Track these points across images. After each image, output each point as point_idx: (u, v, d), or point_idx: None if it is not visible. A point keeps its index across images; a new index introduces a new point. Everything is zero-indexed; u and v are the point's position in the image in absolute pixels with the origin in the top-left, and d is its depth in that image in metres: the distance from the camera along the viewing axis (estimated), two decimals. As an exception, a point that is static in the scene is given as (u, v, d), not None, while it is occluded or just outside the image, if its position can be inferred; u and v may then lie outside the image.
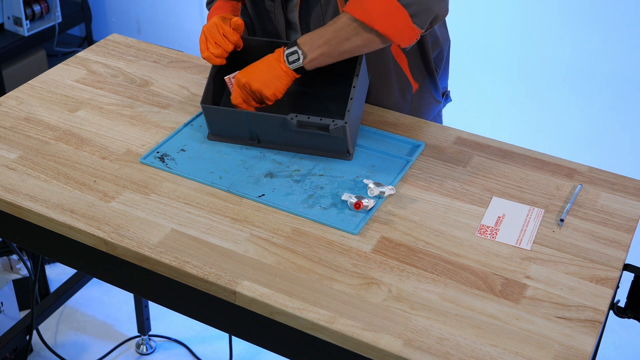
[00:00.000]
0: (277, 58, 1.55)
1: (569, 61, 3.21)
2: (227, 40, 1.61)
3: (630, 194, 1.54)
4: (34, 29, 3.54)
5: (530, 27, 3.09)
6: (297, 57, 1.52)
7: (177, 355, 2.50)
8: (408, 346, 1.20)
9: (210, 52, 1.61)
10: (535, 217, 1.47)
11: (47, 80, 1.87)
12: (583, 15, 3.10)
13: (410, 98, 1.77)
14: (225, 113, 1.59)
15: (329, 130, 1.51)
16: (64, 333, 2.56)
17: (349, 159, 1.59)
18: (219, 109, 1.61)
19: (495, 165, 1.60)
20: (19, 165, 1.57)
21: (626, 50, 3.11)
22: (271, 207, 1.47)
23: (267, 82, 1.55)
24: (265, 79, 1.55)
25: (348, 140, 1.54)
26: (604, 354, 2.50)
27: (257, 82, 1.55)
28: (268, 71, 1.55)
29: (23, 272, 2.57)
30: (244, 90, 1.57)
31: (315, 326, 1.24)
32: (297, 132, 1.55)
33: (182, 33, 3.94)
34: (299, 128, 1.53)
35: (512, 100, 3.29)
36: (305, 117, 1.52)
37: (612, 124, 3.25)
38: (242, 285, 1.30)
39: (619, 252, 1.40)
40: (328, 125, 1.51)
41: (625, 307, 1.47)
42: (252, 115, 1.57)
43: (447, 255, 1.38)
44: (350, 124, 1.51)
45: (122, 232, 1.41)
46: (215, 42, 1.61)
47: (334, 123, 1.50)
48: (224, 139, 1.63)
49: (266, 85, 1.55)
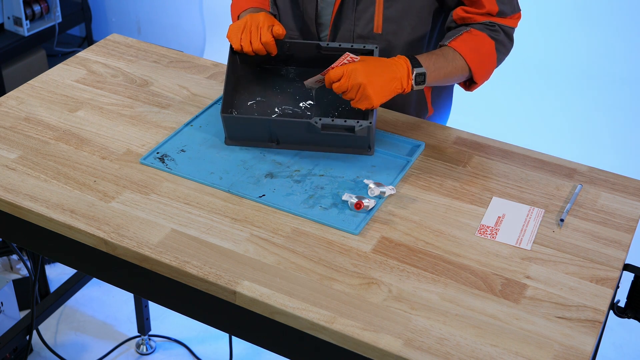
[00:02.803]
0: (405, 72, 1.51)
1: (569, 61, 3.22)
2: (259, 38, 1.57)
3: (630, 194, 1.54)
4: (34, 29, 3.54)
5: (529, 27, 3.09)
6: (423, 79, 1.53)
7: (177, 355, 2.50)
8: (408, 346, 1.20)
9: (241, 42, 1.58)
10: (535, 217, 1.47)
11: (47, 80, 1.87)
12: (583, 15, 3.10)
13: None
14: (248, 121, 1.59)
15: (355, 132, 1.51)
16: (64, 333, 2.56)
17: (370, 154, 1.60)
18: (241, 117, 1.60)
19: (495, 165, 1.60)
20: (19, 165, 1.57)
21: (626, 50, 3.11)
22: (271, 207, 1.47)
23: (380, 94, 1.48)
24: (381, 90, 1.48)
25: (371, 137, 1.55)
26: (604, 354, 2.50)
27: (371, 89, 1.47)
28: (387, 84, 1.49)
29: (23, 272, 2.57)
30: (349, 83, 1.48)
31: (315, 326, 1.24)
32: (319, 133, 1.55)
33: (182, 33, 3.94)
34: (323, 131, 1.53)
35: (512, 100, 3.29)
36: (329, 120, 1.52)
37: (612, 124, 3.25)
38: (242, 285, 1.30)
39: (619, 252, 1.40)
40: (353, 127, 1.51)
41: (625, 307, 1.47)
42: (277, 121, 1.56)
43: (447, 255, 1.38)
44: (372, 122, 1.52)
45: (122, 232, 1.41)
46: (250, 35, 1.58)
47: (359, 124, 1.50)
48: (242, 143, 1.62)
49: (378, 97, 1.48)
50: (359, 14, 1.65)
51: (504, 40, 1.63)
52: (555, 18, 3.11)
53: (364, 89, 1.46)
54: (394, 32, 1.66)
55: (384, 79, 1.48)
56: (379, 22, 1.65)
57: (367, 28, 1.66)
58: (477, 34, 1.61)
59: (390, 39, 1.67)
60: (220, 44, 3.64)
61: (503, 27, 1.62)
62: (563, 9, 3.09)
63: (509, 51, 1.65)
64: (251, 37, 1.57)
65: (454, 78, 1.62)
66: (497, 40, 1.61)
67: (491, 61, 1.63)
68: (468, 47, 1.59)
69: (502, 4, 1.61)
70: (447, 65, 1.58)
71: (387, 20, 1.65)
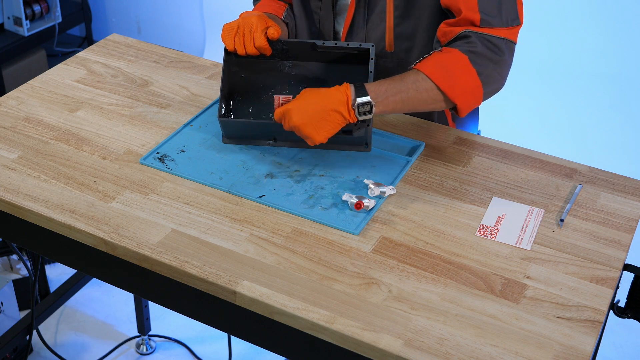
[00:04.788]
0: (343, 103, 1.43)
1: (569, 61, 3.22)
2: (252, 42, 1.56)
3: (630, 194, 1.54)
4: (34, 29, 3.54)
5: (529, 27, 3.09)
6: (369, 108, 1.43)
7: (177, 355, 2.50)
8: (408, 346, 1.20)
9: (235, 45, 1.57)
10: (535, 217, 1.47)
11: (47, 80, 1.87)
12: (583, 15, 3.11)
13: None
14: (245, 124, 1.59)
15: (353, 134, 1.52)
16: (64, 333, 2.56)
17: (367, 150, 1.60)
18: (238, 121, 1.60)
19: (495, 165, 1.60)
20: (19, 165, 1.57)
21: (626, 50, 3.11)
22: (271, 208, 1.47)
23: (320, 129, 1.45)
24: (318, 125, 1.44)
25: (368, 135, 1.56)
26: (604, 354, 2.50)
27: (308, 129, 1.44)
28: (325, 117, 1.44)
29: (23, 272, 2.57)
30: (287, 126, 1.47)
31: (315, 326, 1.24)
32: None
33: (182, 33, 3.94)
34: None
35: (512, 100, 3.29)
36: None
37: (612, 124, 3.25)
38: (242, 285, 1.30)
39: (619, 252, 1.40)
40: (351, 130, 1.52)
41: (625, 307, 1.47)
42: (273, 124, 1.56)
43: (447, 255, 1.38)
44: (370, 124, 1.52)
45: (122, 232, 1.41)
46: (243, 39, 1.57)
47: (357, 126, 1.51)
48: (238, 142, 1.63)
49: (317, 133, 1.45)
50: (369, 33, 1.64)
51: (484, 52, 1.47)
52: (555, 18, 3.11)
53: (300, 131, 1.45)
54: (406, 50, 1.64)
55: (319, 115, 1.44)
56: (390, 39, 1.63)
57: (379, 46, 1.65)
58: (448, 50, 1.49)
59: (402, 56, 1.65)
60: (220, 44, 3.64)
61: (485, 36, 1.47)
62: (563, 9, 3.09)
63: (500, 64, 1.49)
64: (244, 41, 1.56)
65: (424, 102, 1.48)
66: (472, 52, 1.46)
67: (467, 77, 1.46)
68: (432, 64, 1.47)
69: (486, 14, 1.48)
70: (407, 88, 1.46)
71: (399, 38, 1.63)
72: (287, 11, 1.75)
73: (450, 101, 1.49)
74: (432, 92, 1.47)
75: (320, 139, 1.46)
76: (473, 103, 1.50)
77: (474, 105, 1.51)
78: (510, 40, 1.51)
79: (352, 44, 1.57)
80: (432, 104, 1.49)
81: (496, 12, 1.49)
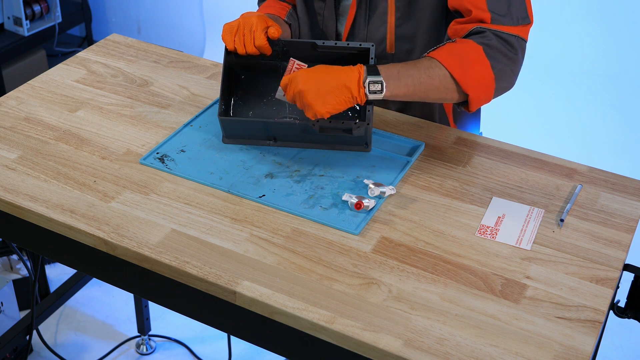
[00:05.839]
0: (354, 80, 1.41)
1: (569, 61, 3.22)
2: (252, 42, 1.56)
3: (630, 194, 1.54)
4: (34, 29, 3.54)
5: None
6: (380, 88, 1.41)
7: (177, 355, 2.50)
8: (408, 346, 1.20)
9: (235, 44, 1.57)
10: (535, 217, 1.47)
11: (47, 80, 1.87)
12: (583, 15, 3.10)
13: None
14: (245, 123, 1.59)
15: (352, 133, 1.51)
16: (64, 333, 2.56)
17: (367, 150, 1.60)
18: (238, 120, 1.60)
19: (495, 165, 1.60)
20: (19, 165, 1.57)
21: (626, 50, 3.11)
22: (271, 208, 1.47)
23: (324, 102, 1.41)
24: (324, 97, 1.41)
25: (368, 135, 1.56)
26: (604, 354, 2.50)
27: (311, 96, 1.41)
28: (332, 91, 1.41)
29: (23, 272, 2.57)
30: (291, 90, 1.44)
31: (315, 326, 1.24)
32: (317, 133, 1.55)
33: (182, 33, 3.94)
34: (321, 132, 1.53)
35: (512, 101, 3.29)
36: (327, 122, 1.51)
37: (612, 124, 3.25)
38: (242, 285, 1.30)
39: (619, 252, 1.40)
40: (351, 129, 1.51)
41: (625, 307, 1.47)
42: (273, 123, 1.56)
43: (447, 255, 1.38)
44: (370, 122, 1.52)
45: (122, 232, 1.41)
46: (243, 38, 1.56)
47: (357, 125, 1.50)
48: (238, 141, 1.63)
49: (320, 104, 1.41)
50: (370, 34, 1.64)
51: (498, 46, 1.46)
52: (555, 18, 3.11)
53: (302, 96, 1.42)
54: (407, 52, 1.64)
55: (327, 87, 1.41)
56: (391, 41, 1.63)
57: (380, 48, 1.65)
58: (463, 41, 1.48)
59: (403, 58, 1.64)
60: (220, 44, 3.64)
61: (498, 32, 1.47)
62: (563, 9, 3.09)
63: (514, 60, 1.49)
64: (245, 41, 1.56)
65: (436, 89, 1.46)
66: (487, 45, 1.46)
67: (480, 68, 1.45)
68: (446, 52, 1.46)
69: (496, 12, 1.48)
70: (420, 74, 1.44)
71: (399, 40, 1.63)
72: (291, 12, 1.75)
73: (462, 92, 1.47)
74: (444, 79, 1.45)
75: (322, 111, 1.41)
76: (484, 97, 1.49)
77: (484, 99, 1.49)
78: (522, 38, 1.51)
79: (352, 43, 1.57)
80: (444, 93, 1.47)
81: (506, 10, 1.49)
